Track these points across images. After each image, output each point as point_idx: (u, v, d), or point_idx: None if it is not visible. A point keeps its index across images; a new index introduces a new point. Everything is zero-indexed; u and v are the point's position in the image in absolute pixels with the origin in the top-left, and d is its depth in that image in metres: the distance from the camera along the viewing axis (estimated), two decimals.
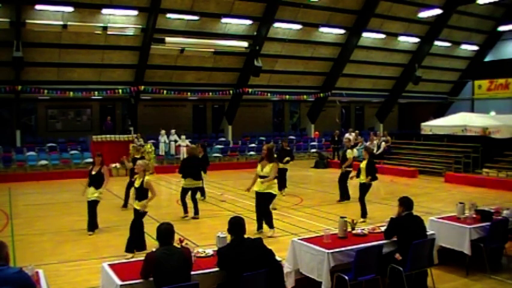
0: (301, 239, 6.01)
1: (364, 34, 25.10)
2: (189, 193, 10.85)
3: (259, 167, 9.02)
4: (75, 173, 18.73)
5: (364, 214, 10.21)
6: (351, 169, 12.03)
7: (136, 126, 22.10)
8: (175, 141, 21.66)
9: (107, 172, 9.66)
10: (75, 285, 6.52)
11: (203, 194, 12.94)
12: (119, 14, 19.68)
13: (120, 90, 21.55)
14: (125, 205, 12.04)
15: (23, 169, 18.68)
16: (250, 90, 24.42)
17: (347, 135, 23.33)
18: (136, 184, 7.94)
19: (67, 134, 22.53)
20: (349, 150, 12.26)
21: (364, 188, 10.30)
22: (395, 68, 28.65)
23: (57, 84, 20.48)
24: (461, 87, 32.16)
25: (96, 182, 9.48)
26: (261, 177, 8.88)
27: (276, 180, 9.09)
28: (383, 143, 20.88)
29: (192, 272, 4.58)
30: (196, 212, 10.81)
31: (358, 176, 10.49)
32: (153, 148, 19.90)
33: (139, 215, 7.85)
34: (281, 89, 25.81)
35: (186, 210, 10.76)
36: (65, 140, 21.84)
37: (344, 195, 12.44)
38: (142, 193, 7.85)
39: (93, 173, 9.56)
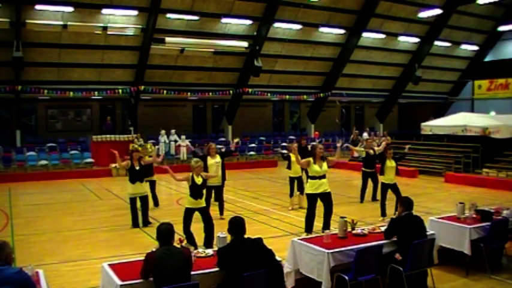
0: (301, 239, 6.01)
1: (364, 34, 25.10)
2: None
3: (316, 166, 8.47)
4: (75, 173, 18.76)
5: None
6: (369, 170, 12.21)
7: (136, 126, 22.11)
8: (175, 141, 21.65)
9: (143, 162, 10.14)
10: (75, 285, 6.52)
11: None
12: (119, 14, 19.68)
13: (120, 90, 21.55)
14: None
15: (23, 169, 18.67)
16: (250, 90, 24.43)
17: (365, 134, 23.38)
18: (199, 181, 7.97)
19: (67, 134, 22.52)
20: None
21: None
22: (395, 68, 28.65)
23: (57, 84, 20.48)
24: (461, 87, 32.17)
25: (143, 175, 9.93)
26: (323, 176, 8.54)
27: None
28: (383, 143, 20.85)
29: (192, 272, 4.58)
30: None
31: (382, 174, 10.53)
32: (153, 148, 19.88)
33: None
34: (281, 89, 25.81)
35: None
36: (65, 140, 21.83)
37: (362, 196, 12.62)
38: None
39: (137, 168, 9.82)
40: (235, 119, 25.53)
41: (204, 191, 8.29)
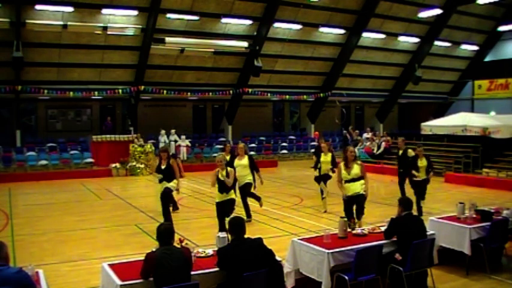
0: (301, 239, 6.01)
1: (364, 34, 25.09)
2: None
3: (344, 172, 8.44)
4: (75, 173, 18.77)
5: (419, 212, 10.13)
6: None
7: (136, 126, 22.10)
8: (175, 141, 21.65)
9: (175, 164, 9.73)
10: (75, 285, 6.52)
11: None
12: (119, 14, 19.68)
13: (120, 90, 21.55)
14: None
15: (23, 169, 18.68)
16: (250, 90, 24.43)
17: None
18: (222, 177, 8.27)
19: (67, 134, 22.52)
20: (409, 150, 11.87)
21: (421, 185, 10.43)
22: (395, 68, 28.65)
23: (57, 84, 20.48)
24: (461, 87, 32.16)
25: (168, 175, 9.57)
26: (352, 180, 8.39)
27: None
28: (383, 143, 20.87)
29: (192, 272, 4.58)
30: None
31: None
32: (153, 148, 19.92)
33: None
34: (281, 89, 25.81)
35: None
36: (65, 140, 21.84)
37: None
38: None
39: (163, 167, 9.56)
40: (235, 119, 25.53)
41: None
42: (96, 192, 14.96)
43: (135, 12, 19.83)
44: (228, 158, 10.49)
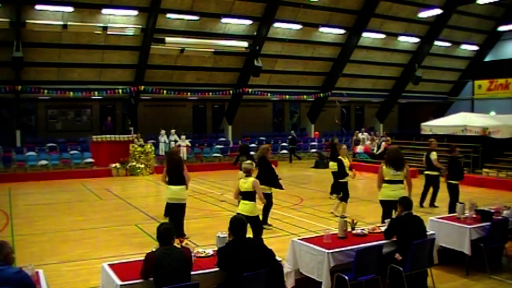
0: (301, 239, 6.01)
1: (364, 34, 25.09)
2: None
3: (392, 170, 7.77)
4: (75, 173, 18.77)
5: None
6: (437, 173, 11.36)
7: (137, 126, 22.10)
8: (175, 141, 21.65)
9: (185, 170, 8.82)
10: (75, 285, 6.52)
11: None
12: (119, 14, 19.68)
13: (120, 90, 21.55)
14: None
15: (23, 169, 18.67)
16: (250, 90, 24.43)
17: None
18: (242, 187, 7.45)
19: (67, 134, 22.53)
20: (433, 152, 11.67)
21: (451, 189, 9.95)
22: (395, 68, 28.65)
23: (57, 84, 20.49)
24: (461, 87, 32.16)
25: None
26: (394, 182, 7.78)
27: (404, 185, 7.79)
28: (383, 143, 20.87)
29: (192, 272, 4.58)
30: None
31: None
32: (153, 148, 19.93)
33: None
34: (281, 89, 25.82)
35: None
36: (65, 140, 21.85)
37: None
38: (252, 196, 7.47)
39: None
40: (235, 119, 25.53)
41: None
42: (96, 192, 14.96)
43: (135, 12, 19.83)
44: None
